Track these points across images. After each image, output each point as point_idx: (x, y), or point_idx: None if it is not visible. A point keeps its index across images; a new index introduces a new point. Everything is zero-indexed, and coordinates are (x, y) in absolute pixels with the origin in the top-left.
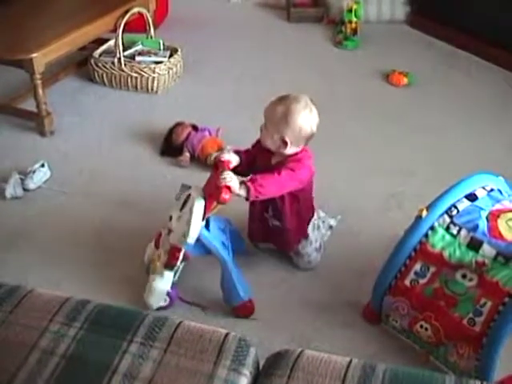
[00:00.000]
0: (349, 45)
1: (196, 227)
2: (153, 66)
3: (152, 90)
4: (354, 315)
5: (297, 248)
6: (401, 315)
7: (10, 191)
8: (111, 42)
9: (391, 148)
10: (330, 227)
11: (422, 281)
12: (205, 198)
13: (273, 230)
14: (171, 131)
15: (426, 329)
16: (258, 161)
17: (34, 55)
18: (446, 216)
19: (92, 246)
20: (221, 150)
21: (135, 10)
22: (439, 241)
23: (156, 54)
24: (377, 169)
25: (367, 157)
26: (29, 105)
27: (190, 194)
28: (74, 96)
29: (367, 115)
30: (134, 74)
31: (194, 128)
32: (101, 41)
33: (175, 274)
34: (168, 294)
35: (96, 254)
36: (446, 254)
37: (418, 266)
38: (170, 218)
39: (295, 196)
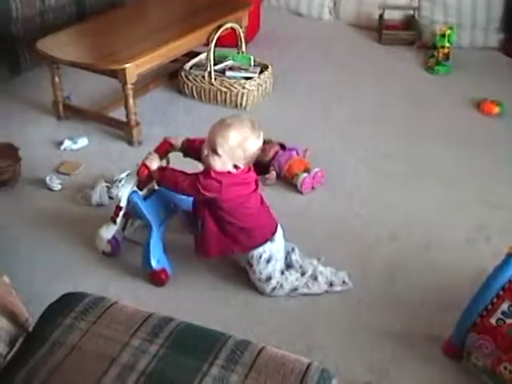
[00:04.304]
0: (440, 70)
1: (123, 191)
2: (243, 81)
3: (241, 105)
4: (434, 349)
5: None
6: (484, 354)
7: (96, 198)
8: (202, 56)
9: (479, 179)
10: (331, 284)
11: (509, 321)
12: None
13: None
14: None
15: (510, 371)
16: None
17: (127, 66)
18: None
19: (176, 259)
20: (307, 171)
21: (228, 25)
22: None
23: (246, 70)
24: (464, 200)
25: (454, 187)
26: (119, 114)
27: None
28: (163, 107)
29: (456, 144)
30: (224, 89)
31: (282, 147)
32: (192, 54)
33: (124, 228)
34: (109, 241)
35: (179, 265)
36: None
37: (505, 306)
38: None
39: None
